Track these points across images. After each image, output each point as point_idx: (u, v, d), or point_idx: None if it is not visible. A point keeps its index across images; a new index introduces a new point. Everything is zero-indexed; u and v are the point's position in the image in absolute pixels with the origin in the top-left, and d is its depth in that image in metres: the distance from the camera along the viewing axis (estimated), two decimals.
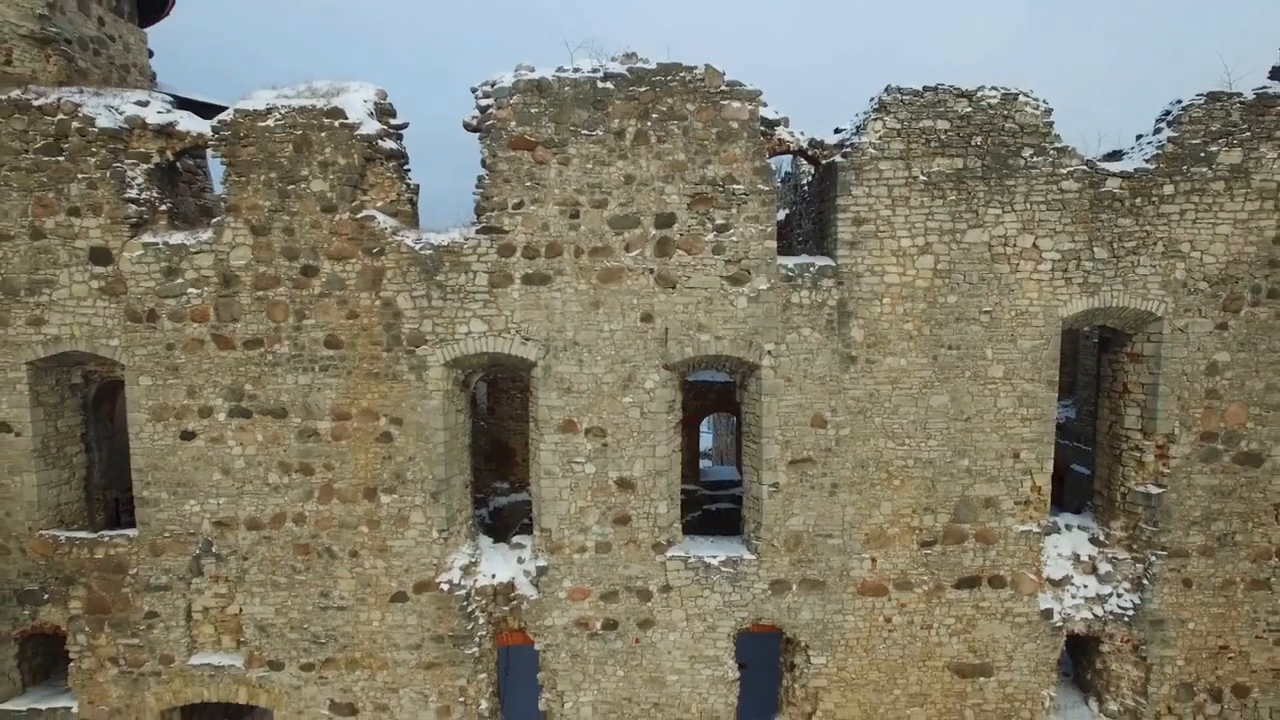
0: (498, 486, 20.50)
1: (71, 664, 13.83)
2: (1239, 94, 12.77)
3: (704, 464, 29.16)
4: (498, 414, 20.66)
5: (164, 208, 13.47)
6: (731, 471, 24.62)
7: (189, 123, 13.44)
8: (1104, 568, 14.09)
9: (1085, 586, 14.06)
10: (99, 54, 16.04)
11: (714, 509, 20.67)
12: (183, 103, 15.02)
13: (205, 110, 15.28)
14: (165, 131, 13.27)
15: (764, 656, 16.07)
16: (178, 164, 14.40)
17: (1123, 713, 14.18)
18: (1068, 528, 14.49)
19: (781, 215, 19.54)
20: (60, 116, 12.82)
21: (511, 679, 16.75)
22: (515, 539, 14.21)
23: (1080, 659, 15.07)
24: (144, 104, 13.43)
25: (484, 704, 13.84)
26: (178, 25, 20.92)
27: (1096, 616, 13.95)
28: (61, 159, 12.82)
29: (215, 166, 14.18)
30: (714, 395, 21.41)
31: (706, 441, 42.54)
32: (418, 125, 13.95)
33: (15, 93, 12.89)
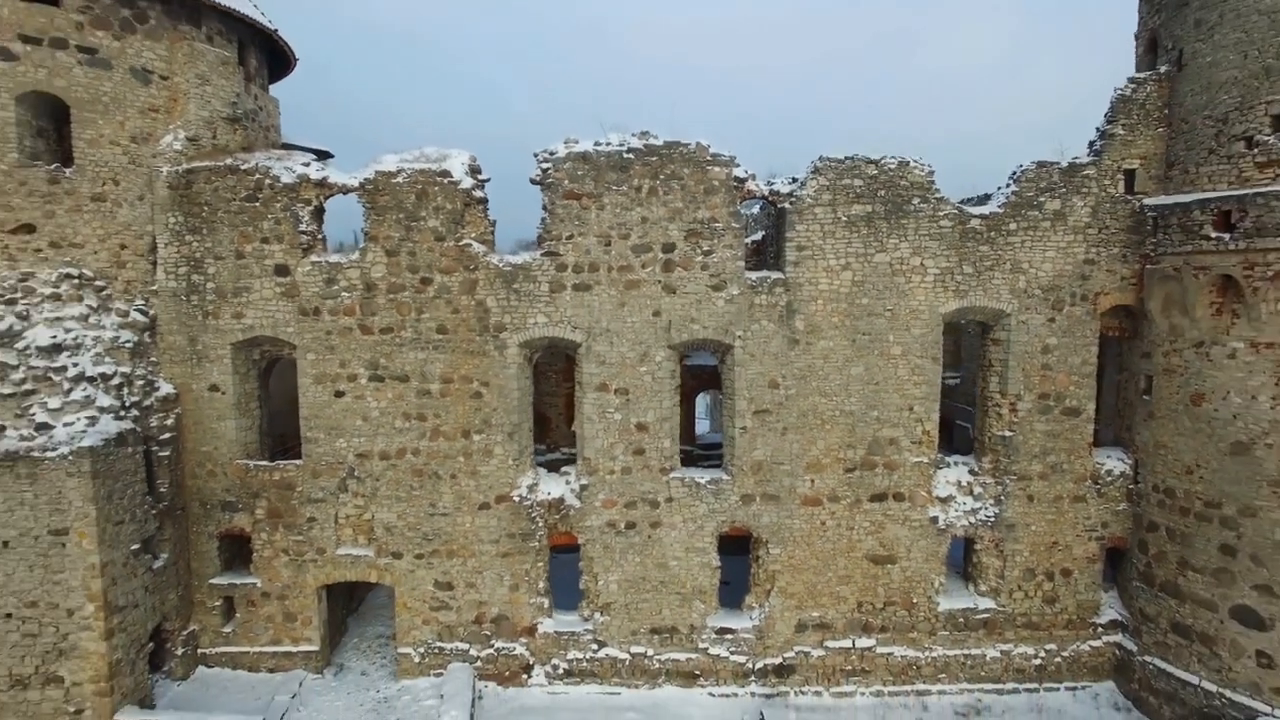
0: (538, 448, 26.40)
1: (255, 554, 19.85)
2: (1057, 162, 18.73)
3: (699, 430, 34.93)
4: (538, 391, 26.54)
5: (321, 236, 19.47)
6: (719, 437, 30.53)
7: (336, 176, 19.38)
8: (977, 490, 20.05)
9: (964, 503, 20.01)
10: (254, 121, 21.98)
11: (705, 466, 26.51)
12: (289, 147, 21.28)
13: (315, 155, 21.68)
14: (321, 184, 19.22)
15: (740, 577, 21.73)
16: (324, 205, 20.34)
17: (989, 591, 20.16)
18: (954, 463, 20.47)
19: (758, 235, 25.46)
20: (256, 176, 18.81)
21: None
22: (563, 469, 20.22)
23: (966, 556, 21.01)
24: (307, 165, 19.40)
25: (541, 583, 19.87)
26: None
27: (971, 523, 19.92)
28: (257, 205, 18.80)
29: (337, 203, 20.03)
30: (705, 376, 27.28)
31: (704, 429, 48.32)
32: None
33: (227, 160, 18.90)
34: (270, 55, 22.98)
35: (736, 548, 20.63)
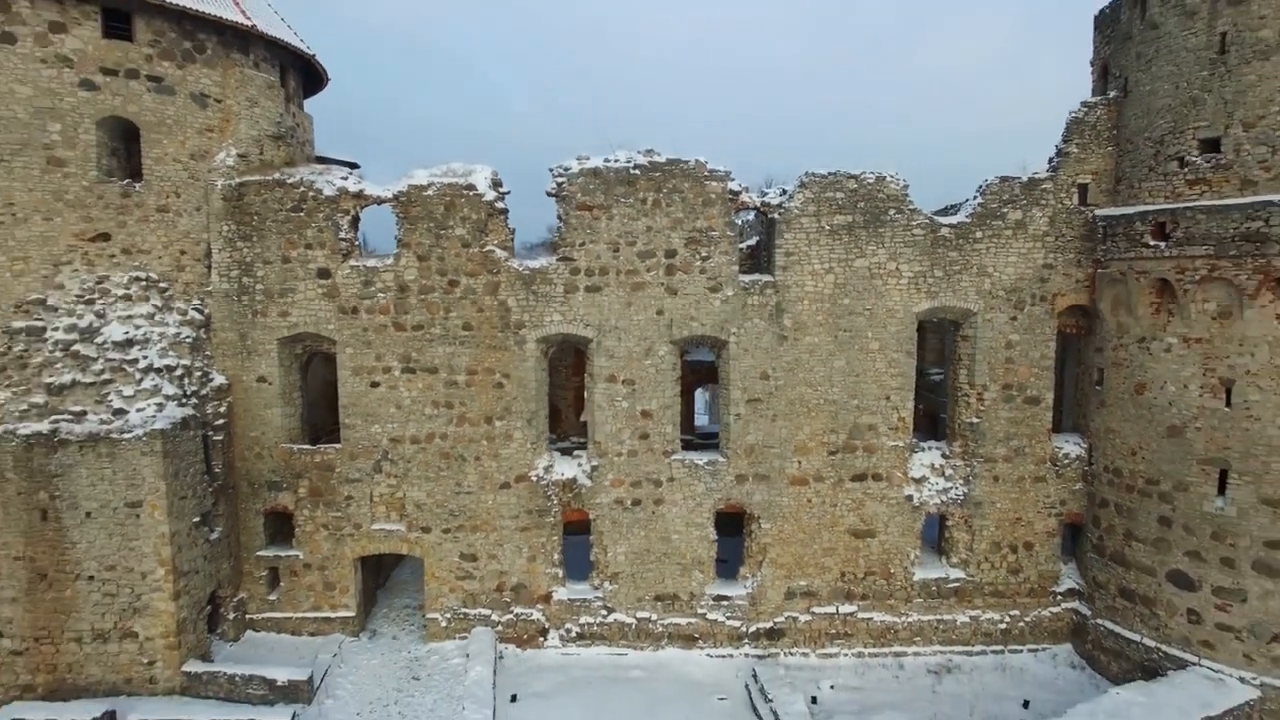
0: (550, 437, 28.61)
1: (297, 529, 22.05)
2: (1019, 177, 20.96)
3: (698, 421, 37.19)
4: (550, 384, 28.77)
5: (358, 243, 21.68)
6: (716, 428, 32.74)
7: (372, 189, 21.56)
8: (948, 471, 22.26)
9: (937, 483, 22.22)
10: (293, 137, 24.17)
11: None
12: (322, 159, 23.51)
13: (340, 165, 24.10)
14: (358, 196, 21.40)
15: (735, 555, 23.85)
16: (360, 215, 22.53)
17: (959, 562, 22.37)
18: (928, 447, 22.68)
19: (753, 241, 27.64)
20: (301, 189, 21.01)
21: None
22: (575, 452, 22.44)
23: (939, 531, 23.22)
24: (345, 178, 21.60)
25: (556, 555, 22.09)
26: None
27: (943, 502, 22.14)
28: (301, 214, 21.00)
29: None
30: (704, 371, 29.47)
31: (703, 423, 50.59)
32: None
33: (275, 175, 21.12)
34: (304, 74, 25.17)
35: (732, 529, 22.79)
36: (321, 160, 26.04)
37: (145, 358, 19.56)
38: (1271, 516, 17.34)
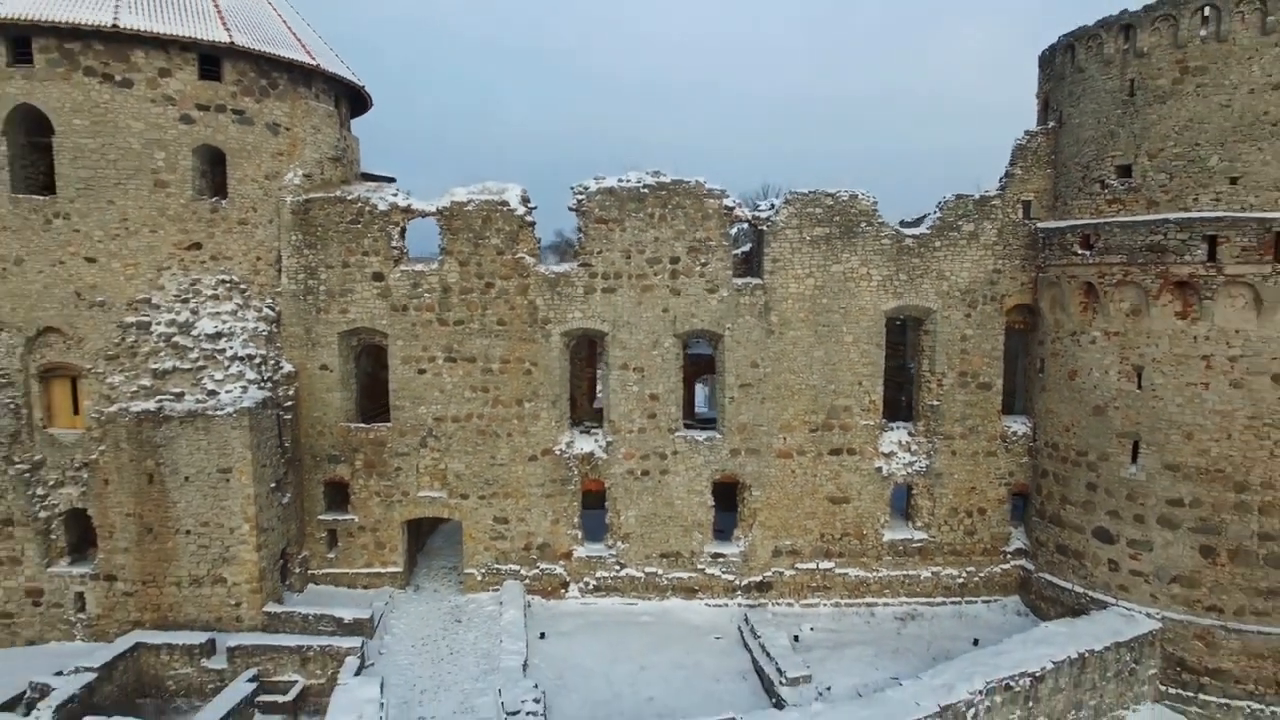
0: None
1: (353, 496, 25.66)
2: (973, 195, 24.58)
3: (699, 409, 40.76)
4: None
5: (406, 251, 25.29)
6: (714, 413, 36.33)
7: (419, 204, 25.15)
8: (913, 447, 25.87)
9: (904, 458, 25.82)
10: (345, 157, 27.76)
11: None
12: (368, 176, 27.15)
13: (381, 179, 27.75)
14: (407, 210, 25.00)
15: (729, 525, 27.43)
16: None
17: (923, 526, 25.99)
18: (896, 426, 26.29)
19: (746, 248, 31.25)
20: (358, 204, 24.62)
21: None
22: (592, 430, 26.08)
23: (906, 500, 26.82)
24: (395, 195, 25.20)
25: (575, 519, 25.73)
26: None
27: (908, 473, 25.74)
28: (359, 226, 24.61)
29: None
30: (703, 364, 33.08)
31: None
32: None
33: (336, 193, 24.74)
34: (352, 100, 28.74)
35: (728, 504, 26.32)
36: (366, 176, 29.66)
37: (231, 348, 23.17)
38: (1171, 479, 20.97)
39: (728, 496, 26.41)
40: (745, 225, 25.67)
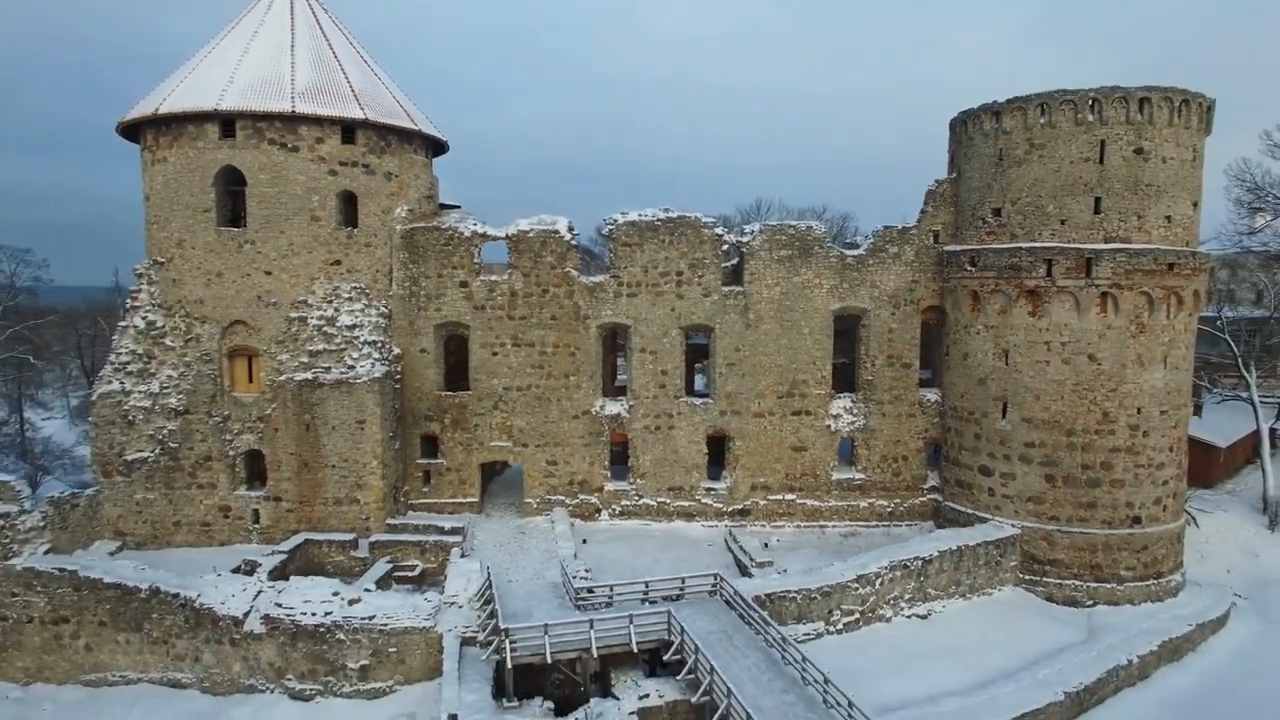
0: None
1: (441, 445, 34.90)
2: (897, 226, 33.71)
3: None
4: None
5: (482, 264, 34.47)
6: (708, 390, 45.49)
7: (493, 231, 34.32)
8: (855, 410, 35.03)
9: (848, 419, 34.98)
10: (432, 194, 36.89)
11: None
12: (443, 205, 36.53)
13: (452, 207, 36.82)
14: (484, 235, 34.19)
15: (717, 473, 36.66)
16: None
17: (862, 469, 35.19)
18: (843, 396, 35.46)
19: (733, 262, 40.35)
20: (450, 231, 33.81)
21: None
22: (620, 397, 35.31)
23: (851, 449, 35.99)
24: (476, 224, 34.39)
25: (606, 461, 35.00)
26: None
27: (851, 429, 34.91)
28: (450, 247, 33.81)
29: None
30: (701, 351, 42.24)
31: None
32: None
33: (434, 223, 33.95)
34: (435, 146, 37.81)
35: (718, 452, 35.39)
36: (444, 207, 38.77)
37: (362, 335, 32.38)
38: (1027, 429, 30.14)
39: (718, 446, 35.62)
40: (732, 246, 34.80)
